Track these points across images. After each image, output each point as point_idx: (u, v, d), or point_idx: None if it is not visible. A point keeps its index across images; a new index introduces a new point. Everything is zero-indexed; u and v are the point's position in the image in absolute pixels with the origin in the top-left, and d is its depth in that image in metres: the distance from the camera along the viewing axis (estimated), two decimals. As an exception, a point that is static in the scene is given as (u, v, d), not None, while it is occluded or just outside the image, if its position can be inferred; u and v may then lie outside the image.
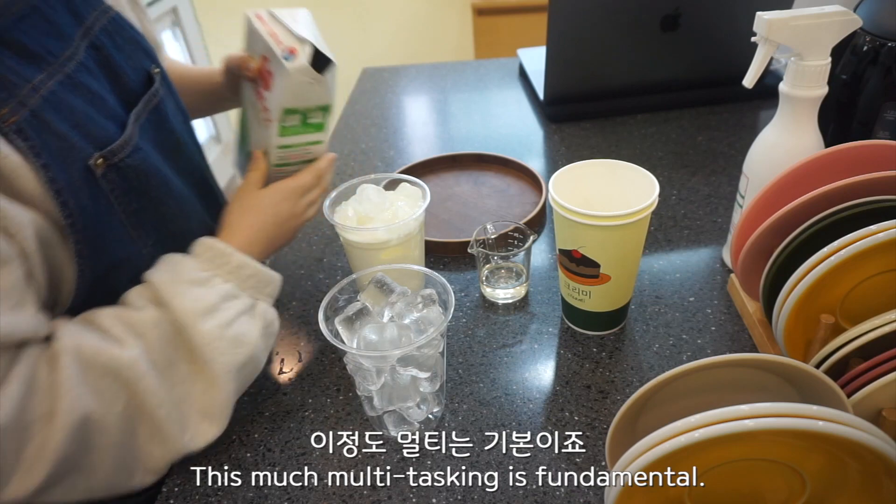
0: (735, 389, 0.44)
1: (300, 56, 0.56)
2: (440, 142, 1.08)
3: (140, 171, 0.53)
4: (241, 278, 0.54)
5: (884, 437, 0.36)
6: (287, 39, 0.57)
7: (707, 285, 0.70)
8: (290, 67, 0.55)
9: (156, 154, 0.56)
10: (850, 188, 0.51)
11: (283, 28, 0.58)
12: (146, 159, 0.53)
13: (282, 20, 0.59)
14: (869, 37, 0.71)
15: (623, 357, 0.63)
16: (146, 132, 0.55)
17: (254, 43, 0.61)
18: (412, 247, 0.65)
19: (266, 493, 0.52)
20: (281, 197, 0.62)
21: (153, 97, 0.58)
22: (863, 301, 0.50)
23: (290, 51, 0.56)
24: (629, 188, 0.59)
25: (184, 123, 0.65)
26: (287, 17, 0.60)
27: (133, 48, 0.58)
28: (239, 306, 0.53)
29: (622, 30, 1.00)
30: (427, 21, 2.44)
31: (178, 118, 0.63)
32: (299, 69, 0.56)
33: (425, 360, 0.52)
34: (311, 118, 0.61)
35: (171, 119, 0.61)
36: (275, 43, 0.57)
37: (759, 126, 0.79)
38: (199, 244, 0.55)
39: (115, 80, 0.54)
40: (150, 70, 0.60)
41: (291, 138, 0.62)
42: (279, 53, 0.56)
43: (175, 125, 0.62)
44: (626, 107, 1.09)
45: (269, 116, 0.60)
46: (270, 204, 0.61)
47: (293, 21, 0.59)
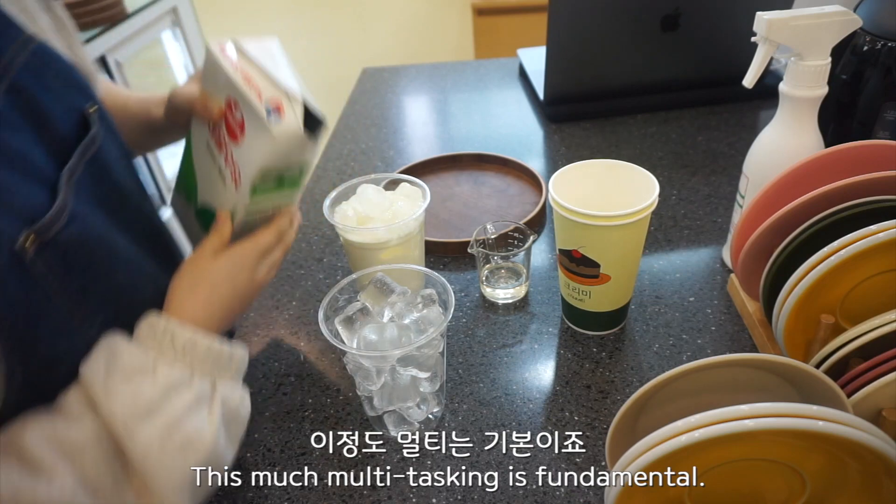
0: (735, 389, 0.44)
1: (289, 116, 0.46)
2: (440, 142, 1.08)
3: (80, 244, 0.43)
4: (193, 359, 0.45)
5: (884, 437, 0.36)
6: (267, 88, 0.46)
7: (707, 285, 0.70)
8: (276, 132, 0.45)
9: (98, 215, 0.47)
10: (850, 188, 0.51)
11: (259, 70, 0.48)
12: (86, 227, 0.44)
13: (254, 58, 0.48)
14: (869, 37, 0.71)
15: (623, 357, 0.63)
16: (84, 190, 0.45)
17: (217, 80, 0.50)
18: (412, 247, 0.65)
19: (266, 493, 0.52)
20: (239, 266, 0.52)
21: (91, 145, 0.47)
22: (863, 301, 0.50)
23: (276, 107, 0.46)
24: (629, 188, 0.59)
25: (128, 168, 0.54)
26: (259, 52, 0.49)
27: (63, 85, 0.48)
28: (189, 397, 0.44)
29: (622, 30, 1.00)
30: (427, 21, 2.44)
31: (121, 164, 0.52)
32: (289, 134, 0.46)
33: (425, 360, 0.52)
34: (287, 177, 0.52)
35: (113, 167, 0.50)
36: (252, 92, 0.46)
37: (759, 126, 0.79)
38: (141, 323, 0.46)
39: (42, 129, 0.44)
40: (84, 110, 0.49)
41: (262, 199, 0.52)
42: (260, 110, 0.45)
43: (118, 173, 0.51)
44: (626, 107, 1.09)
45: (234, 172, 0.51)
46: (228, 275, 0.51)
47: (269, 59, 0.49)
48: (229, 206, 0.53)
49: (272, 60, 0.48)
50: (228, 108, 0.49)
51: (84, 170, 0.46)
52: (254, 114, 0.46)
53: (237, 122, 0.48)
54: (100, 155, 0.48)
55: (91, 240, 0.44)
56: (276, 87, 0.47)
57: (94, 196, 0.46)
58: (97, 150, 0.48)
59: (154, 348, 0.44)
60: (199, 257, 0.52)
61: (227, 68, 0.48)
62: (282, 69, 0.48)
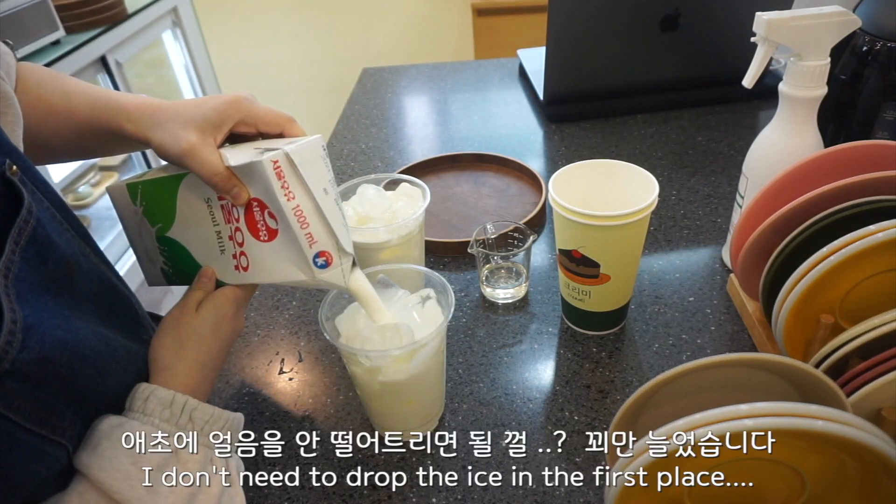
0: (735, 389, 0.44)
1: (335, 270, 0.46)
2: (440, 142, 1.08)
3: (42, 360, 0.35)
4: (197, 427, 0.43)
5: (883, 436, 0.36)
6: (318, 232, 0.45)
7: (707, 285, 0.70)
8: (319, 276, 0.46)
9: (51, 309, 0.38)
10: (849, 188, 0.51)
11: (312, 203, 0.44)
12: (44, 337, 0.36)
13: (309, 183, 0.44)
14: (868, 37, 0.71)
15: (623, 357, 0.63)
16: (25, 285, 0.36)
17: (258, 182, 0.45)
18: (412, 247, 0.65)
19: (266, 493, 0.52)
20: (221, 316, 0.49)
21: (26, 224, 0.37)
22: (862, 301, 0.50)
23: (323, 256, 0.45)
24: (629, 188, 0.59)
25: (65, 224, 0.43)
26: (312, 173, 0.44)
27: None
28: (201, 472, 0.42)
29: (622, 30, 1.00)
30: (427, 21, 2.44)
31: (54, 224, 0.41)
32: (330, 284, 0.47)
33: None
34: None
35: (51, 236, 0.40)
36: (302, 230, 0.44)
37: (759, 126, 0.79)
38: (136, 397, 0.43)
39: None
40: (3, 172, 0.37)
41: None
42: (309, 253, 0.45)
43: (58, 239, 0.41)
44: (625, 107, 1.09)
45: (239, 254, 0.49)
46: (213, 328, 0.48)
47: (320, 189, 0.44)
48: (219, 272, 0.52)
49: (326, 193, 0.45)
50: (262, 205, 0.46)
51: (24, 260, 0.36)
52: (298, 248, 0.45)
53: (266, 224, 0.46)
54: (38, 231, 0.38)
55: (51, 349, 0.36)
56: (328, 235, 0.45)
57: (37, 285, 0.37)
58: (34, 227, 0.38)
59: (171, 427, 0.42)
60: (181, 314, 0.48)
61: (276, 189, 0.43)
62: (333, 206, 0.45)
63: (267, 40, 2.47)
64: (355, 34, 2.46)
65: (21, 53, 1.38)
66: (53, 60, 1.45)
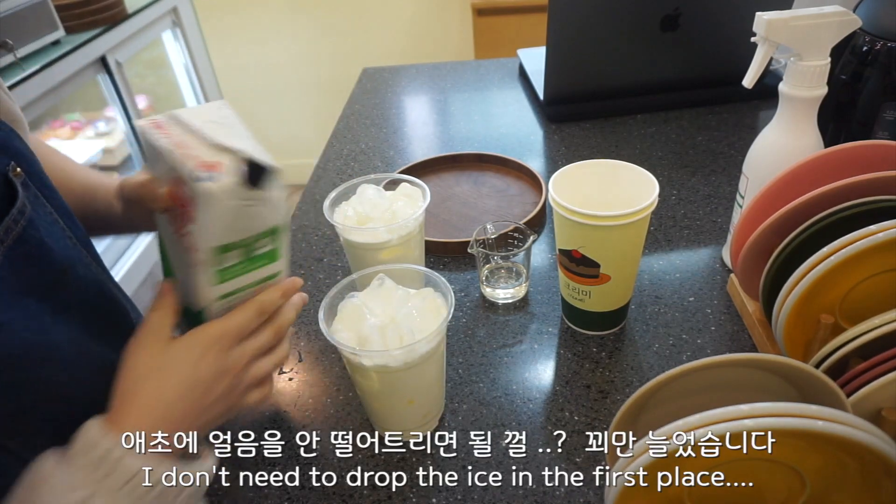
0: (735, 389, 0.44)
1: (225, 171, 0.40)
2: (440, 142, 1.08)
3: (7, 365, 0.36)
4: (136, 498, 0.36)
5: (883, 436, 0.36)
6: (203, 151, 0.40)
7: (707, 285, 0.70)
8: (214, 189, 0.39)
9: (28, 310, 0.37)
10: (849, 188, 0.51)
11: (195, 136, 0.41)
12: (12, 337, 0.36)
13: (191, 124, 0.42)
14: (868, 37, 0.71)
15: (623, 357, 0.63)
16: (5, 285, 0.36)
17: (158, 162, 0.43)
18: (412, 247, 0.65)
19: (266, 493, 0.52)
20: (201, 350, 0.41)
21: (14, 225, 0.37)
22: (862, 301, 0.50)
23: (210, 166, 0.40)
24: (629, 188, 0.59)
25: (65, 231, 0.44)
26: (197, 117, 0.43)
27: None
28: None
29: (622, 30, 1.00)
30: (427, 21, 2.44)
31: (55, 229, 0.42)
32: (227, 190, 0.40)
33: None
34: (257, 249, 0.44)
35: (45, 240, 0.40)
36: (186, 159, 0.40)
37: (759, 126, 0.79)
38: (77, 439, 0.37)
39: None
40: (6, 173, 0.38)
41: (234, 282, 0.44)
42: (194, 174, 0.39)
43: (53, 243, 0.41)
44: (626, 107, 1.09)
45: (197, 259, 0.42)
46: (186, 361, 0.41)
47: (208, 122, 0.42)
48: (205, 299, 0.44)
49: (209, 121, 0.42)
50: (175, 187, 0.42)
51: (5, 258, 0.36)
52: (191, 182, 0.40)
53: (186, 200, 0.41)
54: (29, 232, 0.38)
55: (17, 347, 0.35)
56: (210, 147, 0.41)
57: (18, 285, 0.37)
58: (24, 228, 0.38)
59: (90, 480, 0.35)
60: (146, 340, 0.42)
61: (161, 143, 0.41)
62: (219, 127, 0.42)
63: (267, 40, 2.47)
64: (355, 34, 2.45)
65: (21, 53, 1.38)
66: (53, 60, 1.45)
